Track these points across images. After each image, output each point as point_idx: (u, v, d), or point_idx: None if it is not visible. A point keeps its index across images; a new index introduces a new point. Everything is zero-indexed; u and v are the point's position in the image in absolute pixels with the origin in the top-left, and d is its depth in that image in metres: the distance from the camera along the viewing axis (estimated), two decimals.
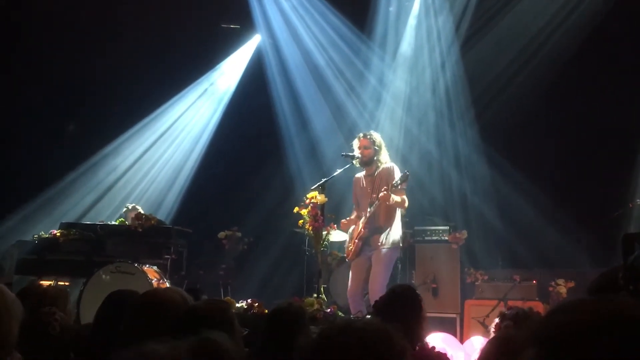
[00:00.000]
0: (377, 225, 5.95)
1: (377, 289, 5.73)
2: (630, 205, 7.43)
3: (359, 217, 6.14)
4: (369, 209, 5.93)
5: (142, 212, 7.51)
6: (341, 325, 1.45)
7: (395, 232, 5.97)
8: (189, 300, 2.63)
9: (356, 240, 5.99)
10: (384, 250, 5.89)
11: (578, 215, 7.79)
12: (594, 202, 7.86)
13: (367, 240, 5.95)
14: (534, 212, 7.89)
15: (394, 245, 5.94)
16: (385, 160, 6.09)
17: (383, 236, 5.91)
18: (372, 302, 5.63)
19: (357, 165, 6.15)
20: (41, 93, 9.07)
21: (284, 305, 3.20)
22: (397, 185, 5.73)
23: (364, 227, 5.93)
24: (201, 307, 2.45)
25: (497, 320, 3.25)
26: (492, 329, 3.25)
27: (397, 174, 5.88)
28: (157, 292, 2.60)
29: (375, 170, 6.05)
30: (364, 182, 6.14)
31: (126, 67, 9.10)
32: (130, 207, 7.92)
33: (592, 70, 8.01)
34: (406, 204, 6.01)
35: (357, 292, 5.96)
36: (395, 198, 5.76)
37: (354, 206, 6.32)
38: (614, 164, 7.87)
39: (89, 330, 2.82)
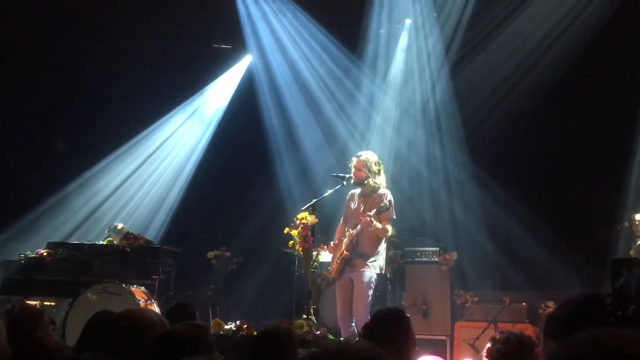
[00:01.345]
0: (360, 248, 5.92)
1: (361, 310, 5.72)
2: (618, 228, 7.47)
3: (342, 234, 6.10)
4: (352, 231, 5.91)
5: (125, 230, 7.49)
6: (333, 350, 1.43)
7: (378, 258, 5.93)
8: (166, 323, 2.59)
9: (338, 261, 5.96)
10: (365, 272, 5.84)
11: (567, 236, 7.82)
12: (583, 223, 7.89)
13: (350, 262, 5.92)
14: (524, 234, 7.90)
15: (376, 269, 5.90)
16: (382, 183, 6.06)
17: (366, 259, 5.88)
18: (357, 324, 5.63)
19: (346, 185, 6.14)
20: (29, 111, 9.03)
21: (272, 327, 3.16)
22: (378, 212, 5.72)
23: (347, 249, 5.89)
24: (180, 331, 2.38)
25: (488, 345, 3.23)
26: (484, 354, 3.22)
27: (390, 202, 5.88)
28: (134, 313, 2.55)
29: (372, 192, 6.03)
30: (357, 201, 6.13)
31: (117, 86, 9.10)
32: (117, 227, 7.88)
33: (580, 92, 8.10)
34: (388, 234, 5.95)
35: (345, 314, 5.92)
36: (377, 225, 5.73)
37: (341, 219, 6.28)
38: (602, 185, 7.92)
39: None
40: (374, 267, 5.88)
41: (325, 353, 1.43)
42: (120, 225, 8.06)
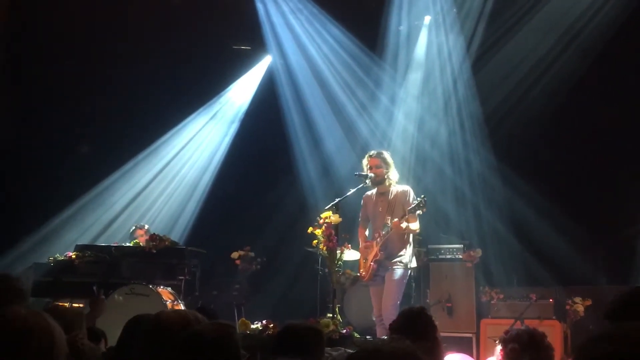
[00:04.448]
0: (392, 248, 5.97)
1: (390, 308, 5.74)
2: None
3: (364, 236, 6.13)
4: (382, 232, 5.92)
5: (147, 230, 7.60)
6: (370, 349, 1.44)
7: (408, 253, 5.97)
8: (202, 321, 2.59)
9: (372, 263, 5.98)
10: (396, 269, 5.88)
11: (594, 231, 7.73)
12: (610, 218, 7.79)
13: (382, 262, 5.96)
14: (549, 229, 7.82)
15: (406, 265, 5.94)
16: (396, 178, 6.09)
17: (395, 258, 5.91)
18: (386, 321, 5.65)
19: (369, 184, 6.15)
20: (54, 116, 9.17)
21: (297, 323, 3.16)
22: (414, 212, 5.74)
23: (380, 250, 5.94)
24: (206, 331, 2.40)
25: (499, 347, 3.19)
26: (498, 357, 3.20)
27: (412, 198, 5.90)
28: (163, 316, 2.56)
29: (389, 189, 6.04)
30: (377, 201, 6.13)
31: (139, 89, 9.20)
32: (137, 226, 8.01)
33: (605, 85, 7.99)
34: (417, 230, 6.00)
35: (380, 313, 5.96)
36: (407, 225, 5.76)
37: (360, 222, 6.30)
38: (629, 180, 7.81)
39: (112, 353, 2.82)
40: (404, 264, 5.90)
41: (363, 352, 1.44)
42: (146, 226, 8.17)
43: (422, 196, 5.85)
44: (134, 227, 8.13)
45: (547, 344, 3.10)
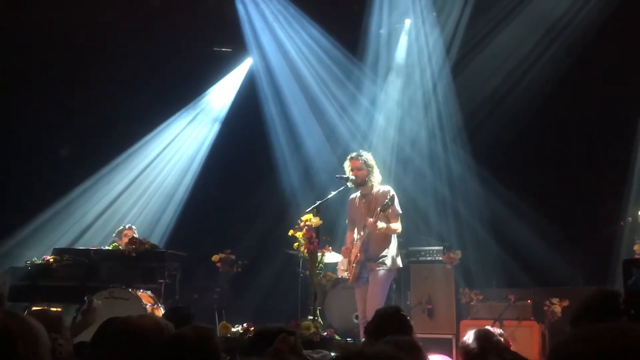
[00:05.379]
0: (373, 248, 5.96)
1: (373, 310, 5.72)
2: (622, 223, 7.49)
3: (353, 239, 6.15)
4: (362, 233, 5.94)
5: (136, 234, 7.51)
6: (353, 353, 1.44)
7: (391, 254, 5.97)
8: (169, 328, 2.57)
9: (354, 265, 5.99)
10: (380, 271, 5.89)
11: (571, 233, 7.83)
12: (587, 220, 7.90)
13: (364, 264, 5.96)
14: (528, 231, 7.92)
15: (390, 266, 5.95)
16: (378, 180, 6.10)
17: (378, 259, 5.92)
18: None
19: (351, 186, 6.16)
20: (32, 118, 9.07)
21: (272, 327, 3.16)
22: (384, 210, 5.74)
23: (360, 252, 5.94)
24: (187, 335, 2.40)
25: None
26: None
27: (394, 197, 5.90)
28: (131, 321, 2.56)
29: (370, 191, 6.07)
30: (360, 203, 6.15)
31: (118, 91, 9.13)
32: (126, 227, 7.91)
33: (581, 89, 8.10)
34: (398, 230, 5.99)
35: (364, 316, 5.96)
36: (381, 225, 5.75)
37: (348, 226, 6.33)
38: (605, 181, 7.93)
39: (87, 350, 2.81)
40: (387, 265, 5.91)
41: (347, 356, 1.44)
42: (134, 227, 8.06)
43: (387, 199, 5.85)
44: (121, 227, 8.01)
45: (495, 342, 3.18)
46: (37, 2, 8.84)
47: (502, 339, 3.27)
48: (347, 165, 6.13)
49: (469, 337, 3.22)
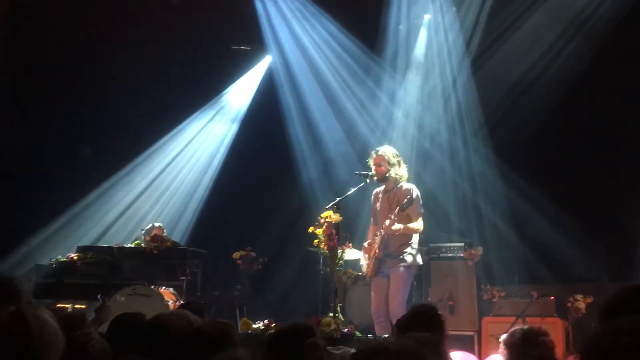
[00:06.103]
0: (393, 245, 5.95)
1: (396, 307, 5.73)
2: None
3: (374, 234, 6.14)
4: (382, 230, 5.92)
5: (165, 232, 7.60)
6: (375, 348, 1.44)
7: (412, 251, 5.95)
8: (195, 323, 2.64)
9: (372, 261, 5.98)
10: (401, 268, 5.88)
11: (595, 228, 7.72)
12: (611, 215, 7.79)
13: (383, 259, 5.95)
14: (550, 227, 7.82)
15: (410, 263, 5.93)
16: (403, 175, 6.05)
17: (398, 256, 5.90)
18: (393, 320, 5.64)
19: (370, 182, 6.16)
20: (55, 117, 9.19)
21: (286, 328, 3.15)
22: (403, 210, 5.72)
23: (379, 249, 5.92)
24: (206, 329, 2.44)
25: (503, 348, 3.22)
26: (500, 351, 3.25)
27: (414, 197, 5.87)
28: (161, 318, 2.63)
29: (393, 187, 6.04)
30: (382, 199, 6.13)
31: (139, 90, 9.21)
32: (155, 225, 7.95)
33: (604, 82, 7.98)
34: (420, 229, 5.95)
35: (379, 311, 5.94)
36: (397, 227, 5.72)
37: (372, 220, 6.32)
38: (629, 176, 7.80)
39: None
40: (407, 262, 5.89)
41: (369, 351, 1.44)
42: (161, 225, 8.12)
43: (415, 194, 5.84)
44: (150, 226, 8.07)
45: (542, 340, 3.12)
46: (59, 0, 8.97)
47: (548, 339, 3.21)
48: (370, 160, 6.13)
49: (515, 333, 3.19)
